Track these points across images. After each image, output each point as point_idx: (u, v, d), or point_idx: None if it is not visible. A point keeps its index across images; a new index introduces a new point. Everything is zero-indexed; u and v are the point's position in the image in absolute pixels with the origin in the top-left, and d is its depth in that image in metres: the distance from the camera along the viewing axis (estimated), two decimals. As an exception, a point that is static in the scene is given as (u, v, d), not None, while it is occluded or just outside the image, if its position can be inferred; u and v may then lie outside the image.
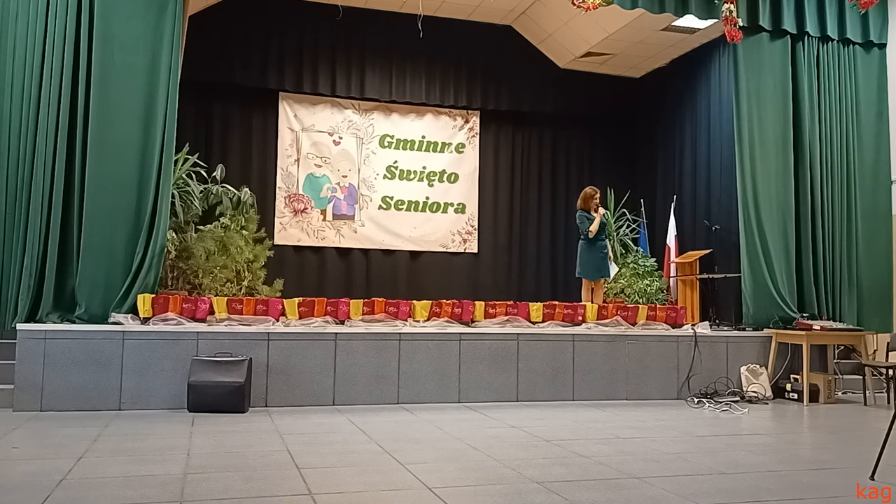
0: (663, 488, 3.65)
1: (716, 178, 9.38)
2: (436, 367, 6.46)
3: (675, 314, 7.53)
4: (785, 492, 3.69)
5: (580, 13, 7.79)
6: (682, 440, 5.05)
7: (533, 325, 7.00)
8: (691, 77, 10.04)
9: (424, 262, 10.50)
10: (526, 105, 10.83)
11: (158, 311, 6.07)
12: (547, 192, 11.13)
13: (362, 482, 3.66)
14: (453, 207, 10.71)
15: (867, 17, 8.32)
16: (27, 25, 6.30)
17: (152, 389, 5.79)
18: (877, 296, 8.18)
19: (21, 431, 4.86)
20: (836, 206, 8.18)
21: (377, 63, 10.18)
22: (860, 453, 4.56)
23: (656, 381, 7.05)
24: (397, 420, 5.61)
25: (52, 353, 5.66)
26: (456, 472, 3.98)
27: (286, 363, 6.08)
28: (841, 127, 8.27)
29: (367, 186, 10.37)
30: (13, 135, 6.21)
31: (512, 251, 10.92)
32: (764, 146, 7.94)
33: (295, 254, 9.97)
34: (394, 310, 6.71)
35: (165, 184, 6.43)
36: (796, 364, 7.31)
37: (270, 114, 10.04)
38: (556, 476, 3.84)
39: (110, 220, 6.26)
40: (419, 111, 10.59)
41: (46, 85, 6.27)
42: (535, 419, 5.75)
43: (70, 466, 3.84)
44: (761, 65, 8.03)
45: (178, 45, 6.60)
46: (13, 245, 6.17)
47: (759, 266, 7.76)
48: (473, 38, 10.31)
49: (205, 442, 4.58)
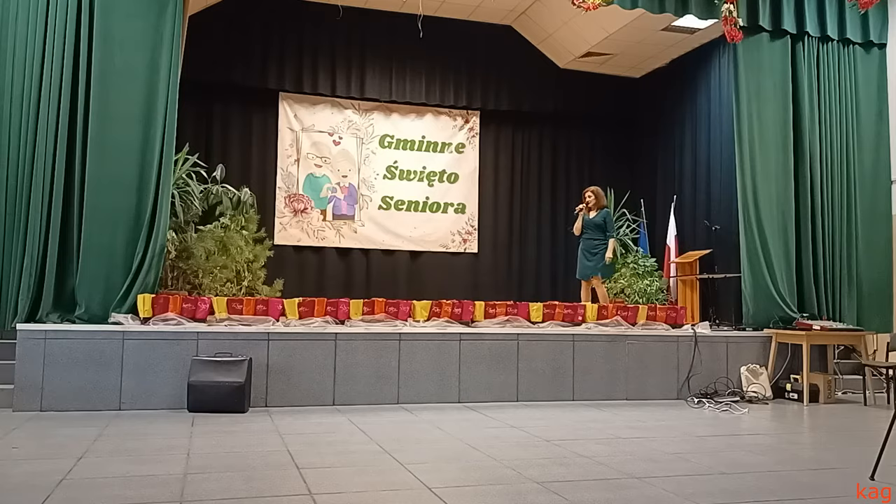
0: (663, 488, 3.65)
1: (716, 178, 9.38)
2: (436, 367, 6.45)
3: (675, 314, 7.53)
4: (785, 492, 3.69)
5: (580, 13, 7.79)
6: (682, 440, 5.05)
7: (533, 325, 7.00)
8: (691, 77, 10.04)
9: (424, 262, 10.50)
10: (526, 105, 10.83)
11: (158, 311, 6.07)
12: (547, 192, 11.13)
13: (362, 482, 3.66)
14: (453, 207, 10.71)
15: (867, 18, 8.32)
16: (27, 25, 6.30)
17: (152, 389, 5.79)
18: (877, 296, 8.18)
19: (21, 431, 4.86)
20: (836, 207, 8.18)
21: (377, 63, 10.18)
22: (860, 453, 4.55)
23: (656, 381, 7.05)
24: (397, 420, 5.61)
25: (52, 353, 5.65)
26: (456, 472, 3.98)
27: (286, 363, 6.08)
28: (841, 127, 8.27)
29: (367, 186, 10.37)
30: (13, 135, 6.21)
31: (512, 251, 10.92)
32: (764, 146, 7.94)
33: (295, 254, 9.97)
34: (394, 310, 6.71)
35: (165, 184, 6.43)
36: (796, 364, 7.31)
37: (270, 114, 10.04)
38: (556, 476, 3.84)
39: (110, 220, 6.26)
40: (419, 111, 10.60)
41: (46, 85, 6.26)
42: (535, 419, 5.74)
43: (70, 466, 3.84)
44: (761, 65, 8.03)
45: (178, 45, 6.60)
46: (13, 245, 6.17)
47: (759, 266, 7.76)
48: (473, 38, 10.32)
49: (205, 442, 4.58)
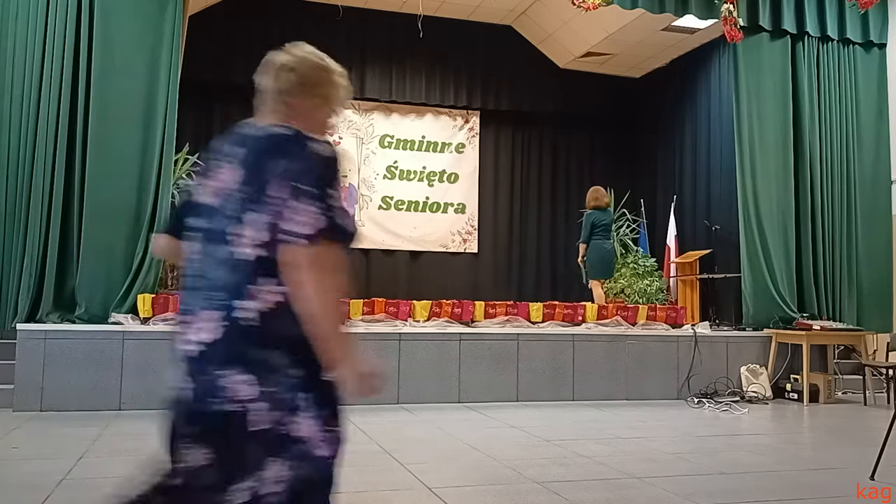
0: (663, 488, 3.65)
1: (716, 178, 9.38)
2: (436, 368, 6.45)
3: (675, 314, 7.54)
4: (785, 492, 3.69)
5: (580, 13, 7.80)
6: (682, 440, 5.05)
7: (533, 325, 7.00)
8: (691, 77, 10.04)
9: (424, 262, 10.50)
10: (526, 105, 10.82)
11: (158, 311, 6.07)
12: (547, 192, 11.13)
13: (362, 482, 3.66)
14: (453, 207, 10.71)
15: (867, 17, 8.32)
16: (27, 26, 6.30)
17: (152, 389, 5.77)
18: (877, 296, 8.17)
19: (21, 431, 4.86)
20: (836, 206, 8.18)
21: (377, 63, 10.18)
22: (860, 453, 4.55)
23: (656, 381, 7.05)
24: (397, 420, 5.61)
25: (53, 353, 5.65)
26: (456, 472, 3.98)
27: (286, 363, 6.07)
28: (841, 127, 8.27)
29: (367, 186, 10.37)
30: (13, 135, 6.21)
31: (512, 251, 10.91)
32: (764, 146, 7.94)
33: (295, 254, 9.96)
34: (394, 310, 6.71)
35: (165, 184, 6.43)
36: (796, 364, 7.31)
37: (270, 114, 10.02)
38: (556, 476, 3.84)
39: (110, 220, 6.26)
40: (419, 111, 10.59)
41: (46, 85, 6.27)
42: (535, 419, 5.75)
43: (70, 466, 3.84)
44: (761, 65, 8.02)
45: (178, 45, 6.60)
46: (13, 245, 6.17)
47: (759, 266, 7.76)
48: (473, 38, 10.31)
49: (205, 442, 4.57)
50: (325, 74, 1.90)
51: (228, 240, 1.69)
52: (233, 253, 1.68)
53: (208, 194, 1.79)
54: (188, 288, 1.78)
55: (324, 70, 1.90)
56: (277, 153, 1.69)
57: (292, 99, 1.84)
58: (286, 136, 1.73)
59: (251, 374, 1.64)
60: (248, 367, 1.64)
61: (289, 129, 1.76)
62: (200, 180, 1.87)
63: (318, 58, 1.90)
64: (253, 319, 1.65)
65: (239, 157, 1.75)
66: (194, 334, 1.70)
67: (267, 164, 1.69)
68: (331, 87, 1.91)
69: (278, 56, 1.88)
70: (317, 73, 1.88)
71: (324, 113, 1.90)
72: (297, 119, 1.82)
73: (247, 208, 1.68)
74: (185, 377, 1.74)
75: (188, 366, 1.72)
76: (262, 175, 1.68)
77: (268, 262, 1.65)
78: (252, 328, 1.65)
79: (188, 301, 1.76)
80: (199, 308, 1.70)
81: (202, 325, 1.68)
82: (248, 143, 1.77)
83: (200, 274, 1.74)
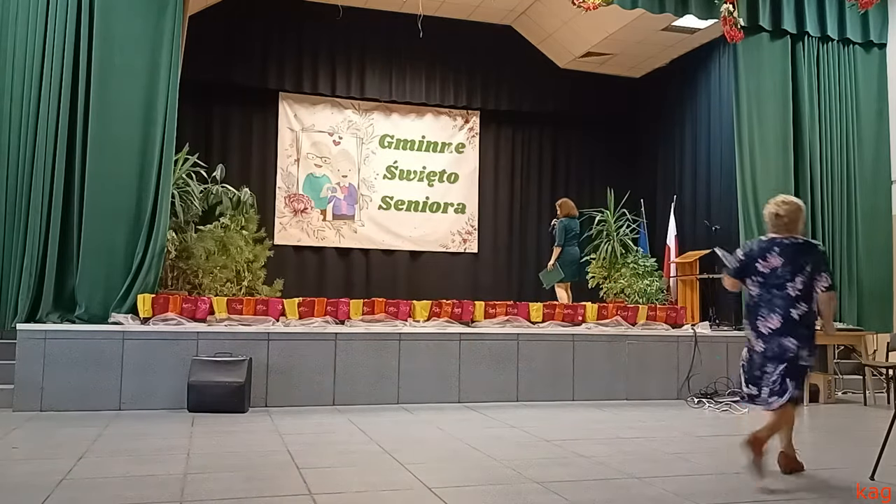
0: (663, 488, 3.65)
1: (716, 178, 9.38)
2: (436, 367, 6.45)
3: (675, 314, 7.54)
4: (785, 492, 3.69)
5: (580, 13, 7.80)
6: (682, 440, 5.05)
7: (533, 325, 7.00)
8: (691, 77, 10.04)
9: (424, 262, 10.50)
10: (526, 105, 10.83)
11: (158, 311, 6.07)
12: (547, 192, 11.12)
13: (362, 482, 3.66)
14: (453, 207, 10.71)
15: (867, 17, 8.32)
16: (27, 25, 6.30)
17: (152, 389, 5.79)
18: (877, 296, 8.18)
19: (21, 431, 4.86)
20: (836, 206, 8.18)
21: (377, 63, 10.18)
22: (860, 453, 4.55)
23: (656, 381, 7.05)
24: (397, 420, 5.61)
25: (52, 353, 5.65)
26: (456, 472, 3.98)
27: (286, 363, 6.08)
28: (841, 127, 8.28)
29: (367, 186, 10.37)
30: (13, 135, 6.21)
31: (512, 251, 10.92)
32: (764, 146, 7.94)
33: (295, 254, 9.97)
34: (394, 310, 6.70)
35: (165, 184, 6.43)
36: (796, 364, 7.29)
37: (270, 114, 10.04)
38: (556, 476, 3.84)
39: (110, 220, 6.26)
40: (419, 111, 10.59)
41: (46, 85, 6.27)
42: (535, 419, 5.74)
43: (70, 466, 3.84)
44: (761, 65, 8.03)
45: (178, 45, 6.60)
46: (13, 245, 6.17)
47: (760, 266, 7.75)
48: (473, 38, 10.31)
49: (205, 442, 4.58)
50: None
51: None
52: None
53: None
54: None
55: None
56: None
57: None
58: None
59: (796, 339, 3.98)
60: (796, 337, 3.99)
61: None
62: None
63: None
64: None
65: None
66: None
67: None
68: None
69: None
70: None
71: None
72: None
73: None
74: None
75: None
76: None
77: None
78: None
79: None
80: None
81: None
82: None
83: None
